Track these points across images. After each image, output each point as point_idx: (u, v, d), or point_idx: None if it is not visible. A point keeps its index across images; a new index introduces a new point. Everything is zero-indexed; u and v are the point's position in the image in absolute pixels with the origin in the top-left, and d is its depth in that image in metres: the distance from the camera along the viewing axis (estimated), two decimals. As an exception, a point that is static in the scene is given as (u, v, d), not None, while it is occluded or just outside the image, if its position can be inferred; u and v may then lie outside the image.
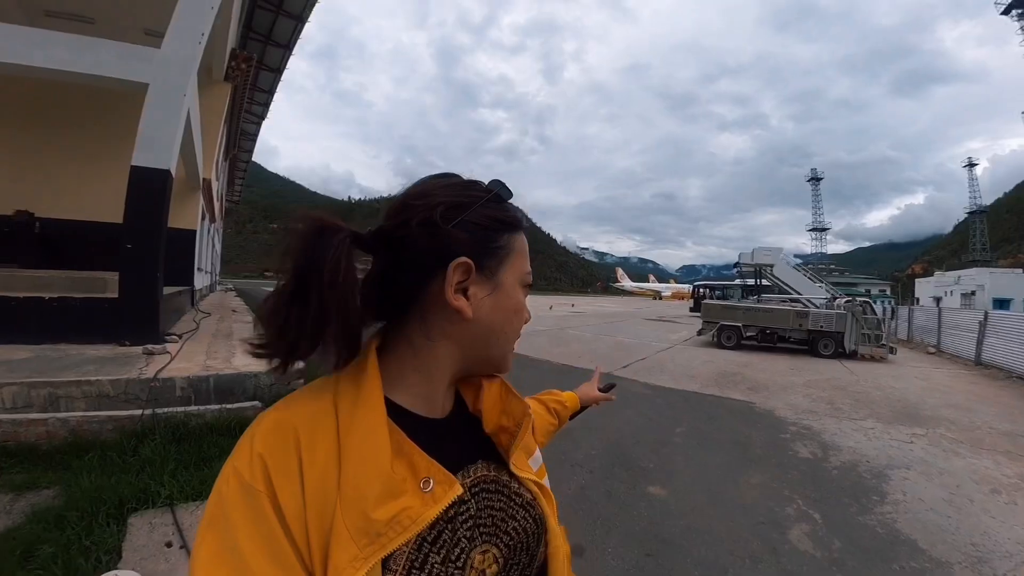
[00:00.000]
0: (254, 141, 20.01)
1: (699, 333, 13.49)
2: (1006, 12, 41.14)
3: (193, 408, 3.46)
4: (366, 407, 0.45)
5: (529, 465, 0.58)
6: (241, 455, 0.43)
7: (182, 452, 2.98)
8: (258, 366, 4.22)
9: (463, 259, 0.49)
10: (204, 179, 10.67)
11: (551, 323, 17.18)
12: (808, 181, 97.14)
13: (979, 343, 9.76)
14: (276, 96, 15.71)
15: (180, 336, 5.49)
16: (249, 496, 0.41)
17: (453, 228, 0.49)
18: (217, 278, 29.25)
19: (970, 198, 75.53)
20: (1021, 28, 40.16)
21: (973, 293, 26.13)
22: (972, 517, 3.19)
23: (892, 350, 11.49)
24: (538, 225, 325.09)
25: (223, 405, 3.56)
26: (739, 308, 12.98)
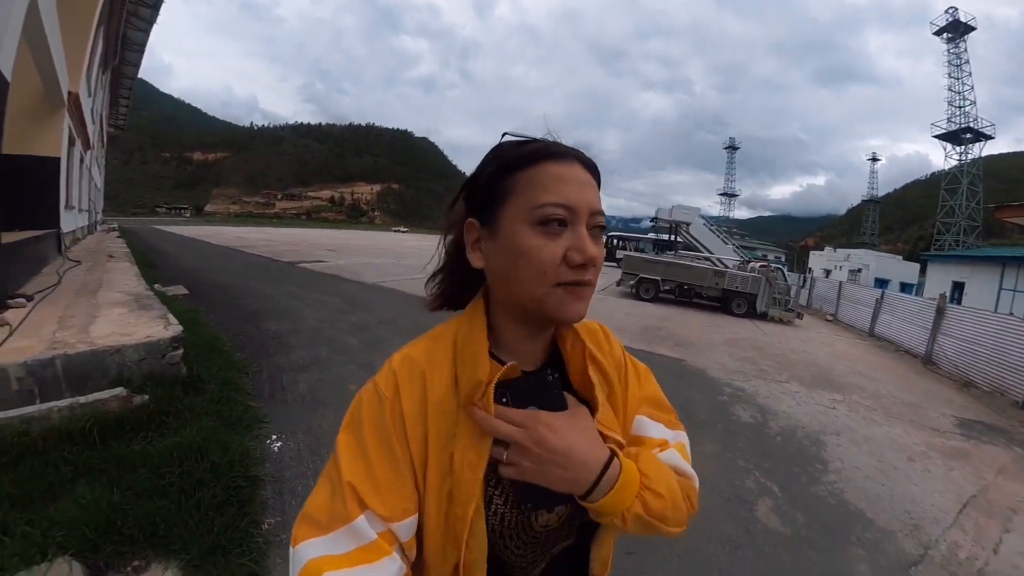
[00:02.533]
0: (141, 52, 16.47)
1: (618, 284, 13.88)
2: (938, 34, 43.80)
3: (33, 409, 2.39)
4: (475, 343, 0.57)
5: (616, 424, 0.62)
6: (382, 373, 0.58)
7: (18, 482, 2.03)
8: (123, 336, 2.89)
9: (468, 219, 0.59)
10: (70, 92, 8.48)
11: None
12: (725, 148, 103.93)
13: (874, 318, 10.96)
14: (175, 3, 12.90)
15: (30, 298, 4.07)
16: (378, 403, 0.56)
17: (465, 195, 0.61)
18: (99, 216, 24.93)
19: (869, 188, 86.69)
20: (947, 51, 43.68)
21: (859, 271, 29.94)
22: (900, 485, 3.43)
23: (799, 315, 12.66)
24: (452, 162, 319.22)
25: (76, 398, 2.53)
26: (660, 263, 13.44)
